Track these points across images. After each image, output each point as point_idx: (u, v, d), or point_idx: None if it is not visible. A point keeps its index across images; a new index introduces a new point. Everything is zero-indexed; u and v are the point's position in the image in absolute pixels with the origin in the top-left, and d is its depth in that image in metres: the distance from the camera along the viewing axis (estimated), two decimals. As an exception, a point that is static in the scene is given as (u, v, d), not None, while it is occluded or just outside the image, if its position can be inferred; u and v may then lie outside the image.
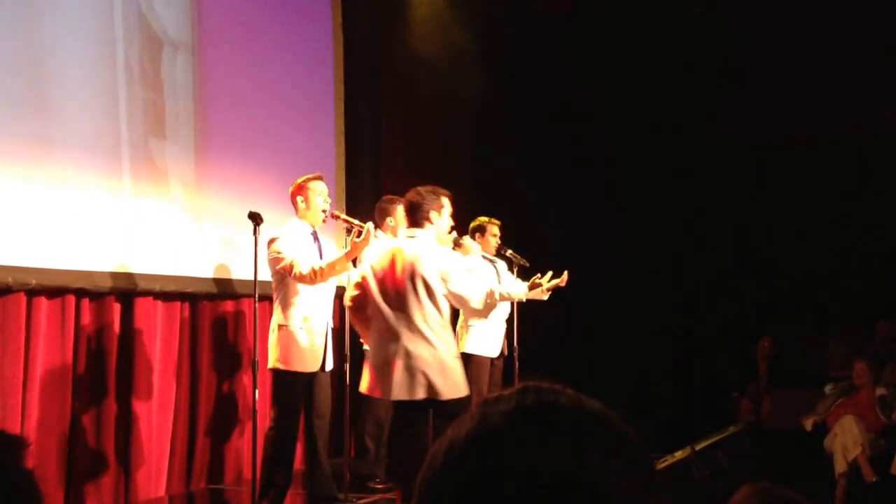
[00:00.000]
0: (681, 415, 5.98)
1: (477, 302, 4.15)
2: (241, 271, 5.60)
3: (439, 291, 4.03)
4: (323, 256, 4.63)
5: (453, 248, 4.54)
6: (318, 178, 4.71)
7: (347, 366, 4.99)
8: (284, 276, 4.46)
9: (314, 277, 4.36)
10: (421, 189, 4.19)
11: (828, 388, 5.82)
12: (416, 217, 4.14)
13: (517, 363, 5.71)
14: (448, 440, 0.77)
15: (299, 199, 4.64)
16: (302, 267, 4.36)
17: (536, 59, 6.99)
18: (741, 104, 6.55)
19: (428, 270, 4.02)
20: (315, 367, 4.54)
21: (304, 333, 4.50)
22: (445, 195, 4.23)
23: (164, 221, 5.29)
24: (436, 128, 6.97)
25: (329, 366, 4.64)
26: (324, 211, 4.65)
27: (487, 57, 6.97)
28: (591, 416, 0.77)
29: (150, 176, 5.24)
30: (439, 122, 6.97)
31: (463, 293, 4.08)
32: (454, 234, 4.53)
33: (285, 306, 4.50)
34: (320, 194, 4.64)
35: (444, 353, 4.04)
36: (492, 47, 6.98)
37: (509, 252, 5.76)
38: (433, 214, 4.14)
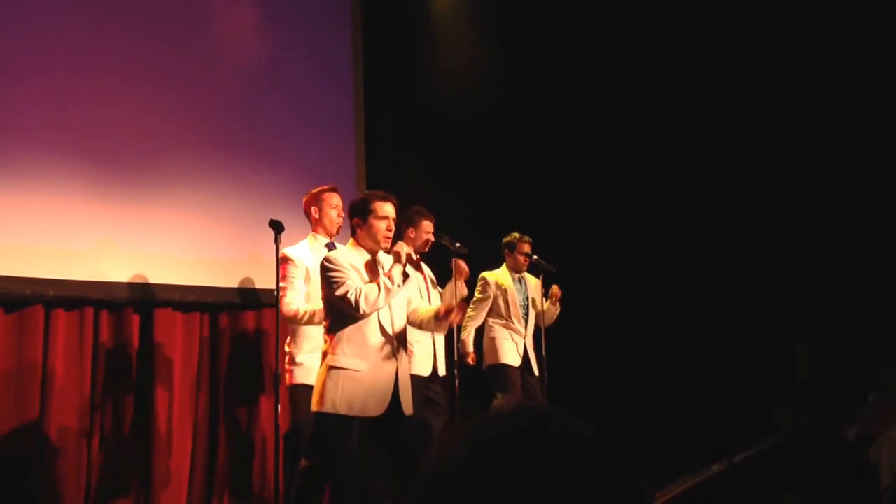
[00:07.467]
0: (716, 426, 5.77)
1: None
2: (261, 281, 5.52)
3: None
4: None
5: None
6: (333, 189, 4.61)
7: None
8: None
9: (300, 321, 4.27)
10: None
11: (871, 396, 5.58)
12: None
13: (546, 375, 5.58)
14: (434, 467, 0.77)
15: (313, 209, 4.55)
16: (290, 308, 4.26)
17: (561, 70, 6.84)
18: (774, 98, 6.34)
19: None
20: None
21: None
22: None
23: (183, 231, 5.23)
24: (455, 138, 6.87)
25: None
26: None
27: (510, 69, 6.85)
28: (580, 440, 0.78)
29: (168, 185, 5.18)
30: (459, 132, 6.87)
31: None
32: None
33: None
34: (335, 207, 4.55)
35: None
36: (515, 59, 6.86)
37: (535, 258, 5.68)
38: None
